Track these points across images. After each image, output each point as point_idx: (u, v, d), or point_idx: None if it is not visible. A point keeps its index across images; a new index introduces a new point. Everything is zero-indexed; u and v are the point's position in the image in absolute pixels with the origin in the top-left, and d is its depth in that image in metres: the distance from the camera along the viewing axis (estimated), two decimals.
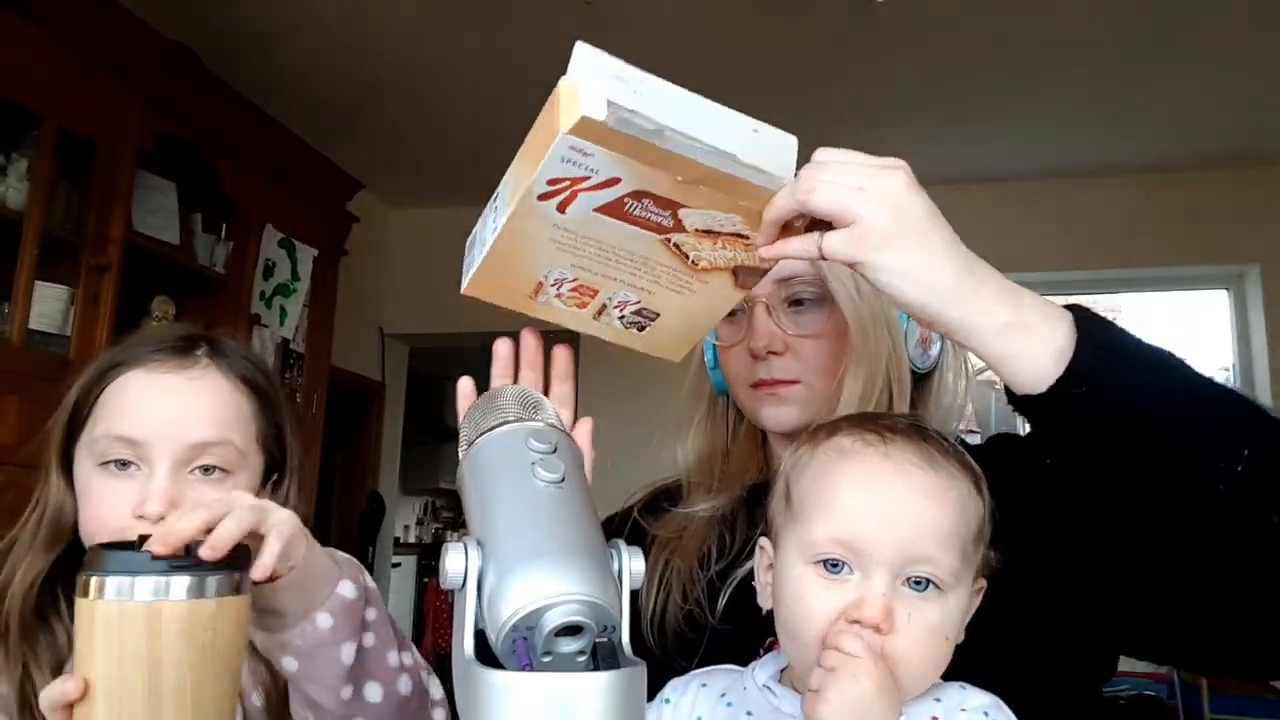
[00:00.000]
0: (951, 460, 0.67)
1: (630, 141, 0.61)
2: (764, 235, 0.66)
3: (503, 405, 0.63)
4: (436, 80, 3.44)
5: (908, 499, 0.65)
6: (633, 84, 0.61)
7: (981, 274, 0.65)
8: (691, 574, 0.88)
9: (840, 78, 3.38)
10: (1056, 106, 3.53)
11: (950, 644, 0.65)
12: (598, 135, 0.60)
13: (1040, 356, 0.63)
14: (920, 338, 0.90)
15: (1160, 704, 3.42)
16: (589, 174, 0.63)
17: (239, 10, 3.01)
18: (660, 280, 0.70)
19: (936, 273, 0.63)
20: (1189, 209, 4.00)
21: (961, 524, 0.65)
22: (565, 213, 0.65)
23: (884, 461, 0.66)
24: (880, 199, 0.63)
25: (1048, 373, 0.63)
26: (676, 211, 0.66)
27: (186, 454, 0.82)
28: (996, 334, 0.64)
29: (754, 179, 0.64)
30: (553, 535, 0.52)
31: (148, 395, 0.84)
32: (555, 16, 2.95)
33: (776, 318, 0.88)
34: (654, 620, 0.88)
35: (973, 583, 0.68)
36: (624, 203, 0.65)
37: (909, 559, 0.63)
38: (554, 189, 0.63)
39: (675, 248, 0.68)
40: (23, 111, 2.36)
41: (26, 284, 2.36)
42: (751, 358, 0.89)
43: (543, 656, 0.48)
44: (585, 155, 0.61)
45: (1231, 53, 3.13)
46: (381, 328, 4.61)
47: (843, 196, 0.62)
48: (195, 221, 3.16)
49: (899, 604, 0.63)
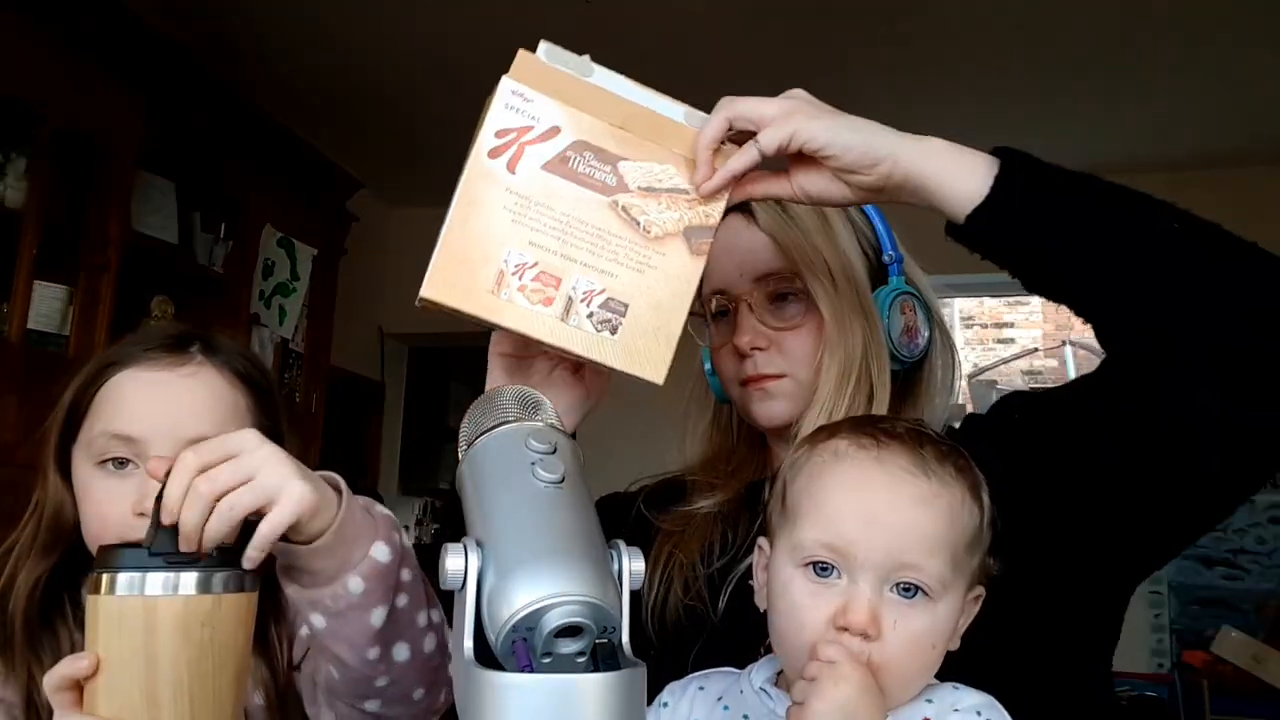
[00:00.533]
0: (948, 466, 0.67)
1: (564, 80, 0.71)
2: (701, 166, 0.73)
3: (502, 405, 0.62)
4: (436, 80, 3.43)
5: (895, 505, 0.65)
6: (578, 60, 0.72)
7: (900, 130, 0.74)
8: (694, 568, 0.89)
9: (840, 77, 3.38)
10: (1056, 106, 3.53)
11: (937, 652, 0.65)
12: (535, 76, 0.70)
13: (976, 164, 0.70)
14: (904, 327, 0.90)
15: (1161, 705, 3.43)
16: (531, 122, 0.70)
17: (239, 10, 3.01)
18: (619, 257, 0.72)
19: (865, 122, 0.73)
20: (1189, 208, 3.99)
21: (951, 531, 0.65)
22: (515, 171, 0.70)
23: (874, 466, 0.66)
24: (796, 95, 0.75)
25: (983, 175, 0.69)
26: (617, 166, 0.71)
27: (180, 449, 0.81)
28: (931, 154, 0.71)
29: (676, 115, 0.74)
30: (552, 536, 0.52)
31: (143, 393, 0.84)
32: (555, 16, 2.95)
33: (759, 314, 0.90)
34: (654, 611, 0.88)
35: (967, 590, 0.67)
36: (567, 157, 0.71)
37: (896, 565, 0.63)
38: (502, 142, 0.69)
39: (624, 211, 0.72)
40: (22, 110, 2.36)
41: (25, 283, 2.35)
42: (739, 356, 0.91)
43: (542, 657, 0.48)
44: (526, 100, 0.70)
45: (1233, 52, 3.13)
46: (381, 327, 4.61)
47: (762, 100, 0.73)
48: (194, 221, 3.15)
49: (886, 610, 0.63)
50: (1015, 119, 3.65)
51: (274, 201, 3.41)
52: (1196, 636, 3.73)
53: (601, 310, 0.72)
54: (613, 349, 0.72)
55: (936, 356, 0.95)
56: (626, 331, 0.72)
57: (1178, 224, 0.68)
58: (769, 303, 0.90)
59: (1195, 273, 0.66)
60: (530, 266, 0.70)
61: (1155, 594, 3.83)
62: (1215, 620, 3.70)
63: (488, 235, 0.69)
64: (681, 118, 0.74)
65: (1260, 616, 3.68)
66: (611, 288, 0.72)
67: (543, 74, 0.70)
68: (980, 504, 0.68)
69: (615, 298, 0.72)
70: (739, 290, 0.91)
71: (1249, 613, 3.72)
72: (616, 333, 0.72)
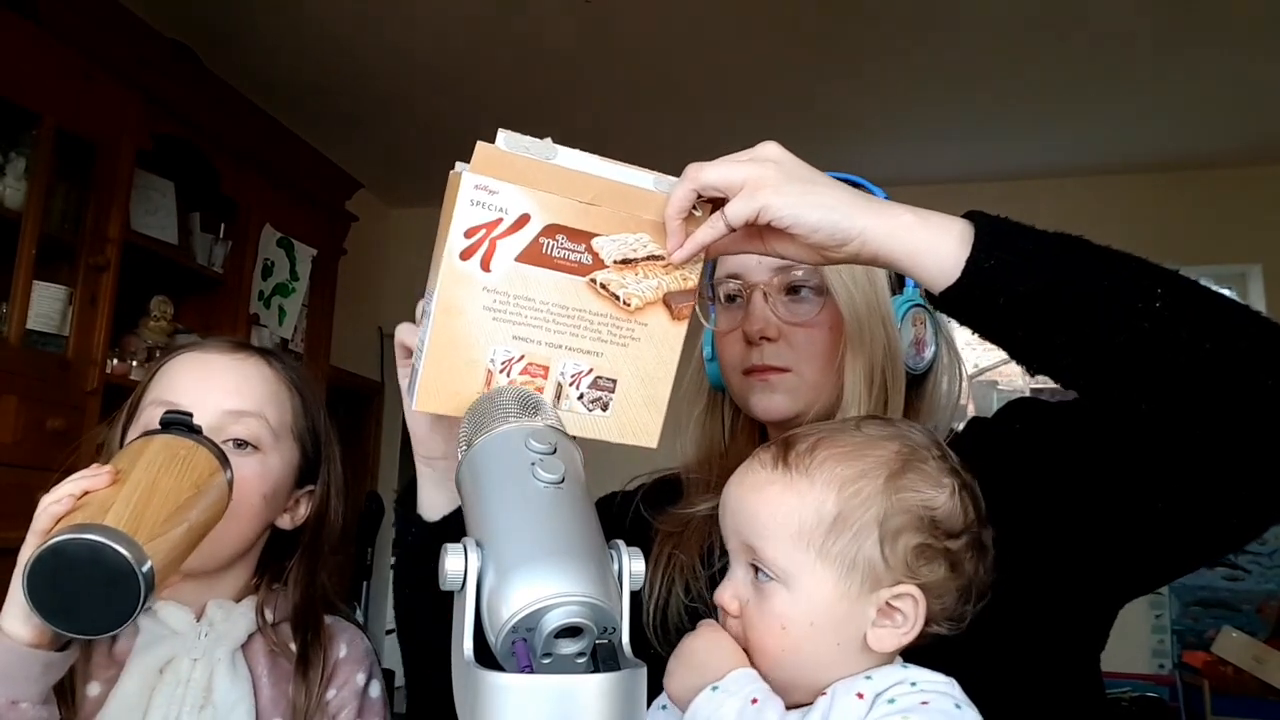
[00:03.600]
0: (815, 456, 0.69)
1: (527, 165, 0.68)
2: (671, 236, 0.71)
3: (502, 405, 0.62)
4: (436, 80, 3.43)
5: (737, 491, 0.71)
6: (540, 144, 0.70)
7: (873, 198, 0.70)
8: (694, 569, 0.89)
9: (841, 78, 3.38)
10: (1057, 106, 3.53)
11: (790, 636, 0.66)
12: (496, 165, 0.67)
13: (948, 241, 0.66)
14: (914, 339, 0.90)
15: (1162, 705, 3.42)
16: (500, 214, 0.68)
17: (239, 10, 3.01)
18: (603, 335, 0.73)
19: (834, 196, 0.68)
20: (1191, 208, 4.00)
21: (781, 515, 0.67)
22: (490, 269, 0.69)
23: (745, 463, 0.73)
24: (764, 159, 0.69)
25: (957, 254, 0.66)
26: (590, 244, 0.70)
27: (219, 419, 0.86)
28: (904, 231, 0.67)
29: (646, 183, 0.72)
30: (552, 536, 0.52)
31: (191, 369, 0.91)
32: (555, 16, 2.95)
33: (773, 304, 0.89)
34: (656, 613, 0.88)
35: (844, 579, 0.66)
36: (540, 244, 0.69)
37: (744, 547, 0.69)
38: (472, 242, 0.68)
39: (603, 288, 0.72)
40: (21, 110, 2.36)
41: (25, 284, 2.36)
42: (746, 343, 0.89)
43: (542, 658, 0.48)
44: (491, 193, 0.67)
45: (1235, 52, 3.13)
46: (381, 328, 4.61)
47: (728, 167, 0.69)
48: (194, 221, 3.16)
49: (747, 591, 0.69)
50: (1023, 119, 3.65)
51: (273, 201, 3.41)
52: (1197, 637, 3.73)
53: (591, 390, 0.74)
54: (606, 425, 0.75)
55: (942, 372, 0.94)
56: (617, 406, 0.75)
57: (1161, 288, 0.63)
58: (784, 294, 0.89)
59: (1187, 340, 0.62)
60: (517, 360, 0.71)
61: (1156, 595, 3.83)
62: (1216, 621, 3.70)
63: (471, 339, 0.70)
64: (651, 185, 0.73)
65: (1261, 617, 3.68)
66: (599, 366, 0.73)
67: (504, 162, 0.68)
68: (853, 493, 0.67)
69: (603, 375, 0.74)
70: (756, 277, 0.89)
71: (1250, 613, 3.72)
72: (608, 409, 0.74)
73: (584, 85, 3.45)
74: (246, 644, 0.87)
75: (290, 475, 0.92)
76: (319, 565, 0.94)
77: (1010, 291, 0.64)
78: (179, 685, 0.83)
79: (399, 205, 4.60)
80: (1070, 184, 4.11)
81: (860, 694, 0.64)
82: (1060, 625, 0.79)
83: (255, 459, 0.88)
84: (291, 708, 0.85)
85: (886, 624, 0.67)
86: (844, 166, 0.88)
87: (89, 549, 0.60)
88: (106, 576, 0.60)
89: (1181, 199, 4.02)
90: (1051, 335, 0.65)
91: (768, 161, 0.69)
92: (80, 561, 0.60)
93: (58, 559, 0.60)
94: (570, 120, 3.70)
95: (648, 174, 0.73)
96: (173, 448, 0.73)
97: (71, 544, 0.60)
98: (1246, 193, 3.99)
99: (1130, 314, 0.62)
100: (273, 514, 0.92)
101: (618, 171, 0.72)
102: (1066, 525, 0.74)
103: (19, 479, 2.21)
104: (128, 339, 2.90)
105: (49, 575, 0.61)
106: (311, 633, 0.89)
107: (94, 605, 0.61)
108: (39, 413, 2.38)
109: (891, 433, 0.71)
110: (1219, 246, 4.02)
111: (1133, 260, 0.66)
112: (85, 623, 0.62)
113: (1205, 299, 0.64)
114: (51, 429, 2.39)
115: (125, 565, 0.60)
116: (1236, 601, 3.76)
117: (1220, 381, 0.61)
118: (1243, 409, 0.61)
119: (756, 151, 0.70)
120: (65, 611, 0.62)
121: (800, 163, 0.70)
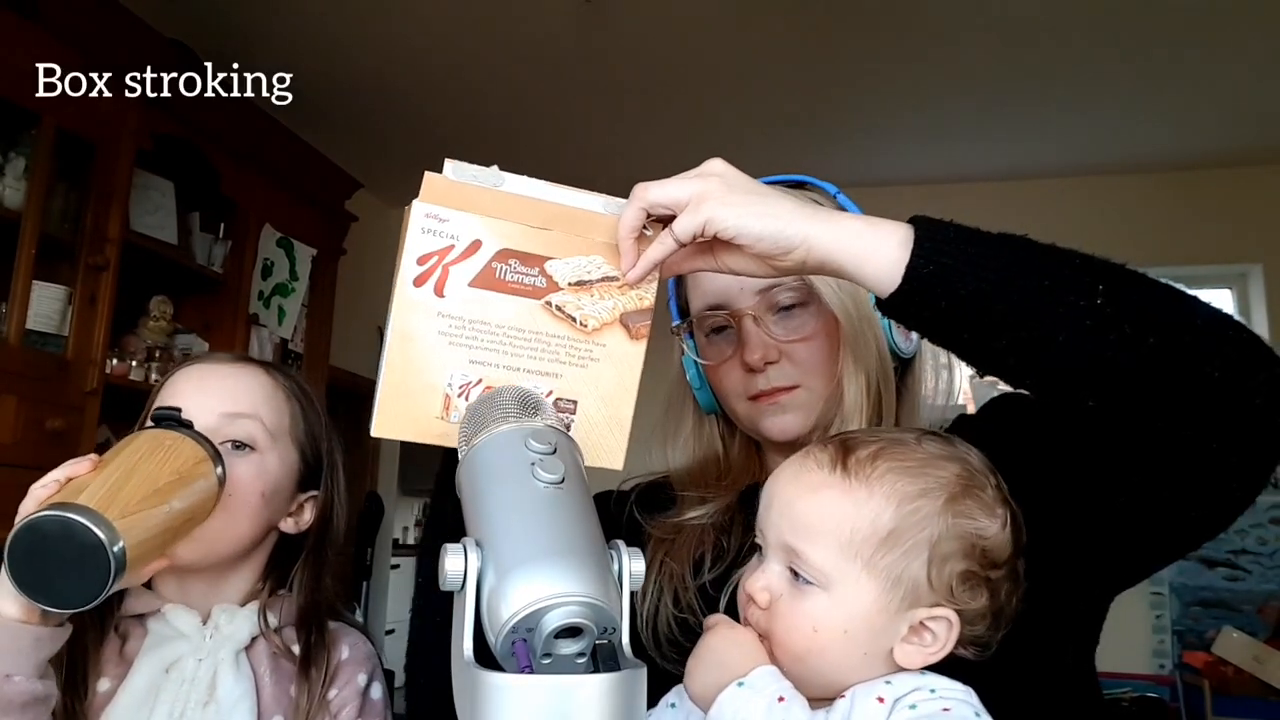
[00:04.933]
0: (877, 466, 0.67)
1: (476, 193, 0.68)
2: (624, 256, 0.72)
3: (502, 405, 0.62)
4: (436, 80, 3.44)
5: (787, 489, 0.70)
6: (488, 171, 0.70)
7: (817, 207, 0.70)
8: (685, 579, 0.88)
9: (842, 77, 3.38)
10: (1059, 106, 3.53)
11: (820, 638, 0.66)
12: (445, 194, 0.68)
13: (889, 246, 0.66)
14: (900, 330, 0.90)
15: (1162, 706, 3.42)
16: (451, 241, 0.68)
17: (239, 10, 3.01)
18: (560, 357, 0.73)
19: (778, 205, 0.69)
20: (1192, 208, 4.00)
21: (833, 521, 0.66)
22: (444, 295, 0.69)
23: (798, 459, 0.72)
24: (707, 174, 0.70)
25: (897, 259, 0.66)
26: (544, 267, 0.70)
27: (216, 422, 0.88)
28: (848, 238, 0.68)
29: (595, 206, 0.72)
30: (552, 536, 0.52)
31: (192, 378, 0.94)
32: (555, 16, 2.95)
33: (765, 327, 0.88)
34: (648, 623, 0.88)
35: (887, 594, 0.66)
36: (493, 269, 0.70)
37: (785, 546, 0.68)
38: (425, 269, 0.68)
39: (559, 310, 0.72)
40: (20, 110, 2.36)
41: (24, 284, 2.35)
42: (746, 370, 0.88)
43: (542, 658, 0.48)
44: (442, 221, 0.68)
45: (1235, 52, 3.13)
46: (381, 328, 4.57)
47: (675, 184, 0.70)
48: (193, 221, 3.15)
49: (780, 585, 0.68)
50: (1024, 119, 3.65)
51: (273, 201, 3.41)
52: (1198, 637, 3.73)
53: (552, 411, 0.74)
54: None
55: (926, 363, 0.94)
56: (580, 428, 0.74)
57: (1103, 284, 0.63)
58: (774, 313, 0.88)
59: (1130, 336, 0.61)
60: (475, 384, 0.71)
61: (1156, 595, 3.83)
62: (1216, 621, 3.70)
63: (427, 364, 0.70)
64: (600, 208, 0.73)
65: (1261, 618, 3.68)
66: (559, 388, 0.73)
67: (453, 191, 0.69)
68: (911, 510, 0.66)
69: (564, 396, 0.74)
70: (741, 304, 0.88)
71: (1250, 614, 3.72)
72: (570, 430, 0.74)
73: (584, 85, 3.45)
74: (250, 646, 0.90)
75: (290, 478, 0.94)
76: (324, 570, 0.96)
77: (951, 296, 0.64)
78: (184, 683, 0.86)
79: (399, 205, 4.56)
80: (1070, 184, 4.11)
81: (880, 698, 0.64)
82: (1050, 621, 0.78)
83: (252, 459, 0.90)
84: (294, 706, 0.87)
85: (915, 641, 0.67)
86: (843, 166, 0.89)
87: (60, 524, 0.63)
88: (78, 551, 0.64)
89: (1182, 199, 4.02)
90: (994, 337, 0.65)
91: (712, 176, 0.70)
92: (53, 537, 0.63)
93: (33, 535, 0.64)
94: (570, 121, 3.71)
95: (597, 197, 0.74)
96: (158, 438, 0.76)
97: (45, 520, 0.63)
98: (1247, 193, 3.99)
99: (1071, 311, 0.62)
100: (274, 515, 0.94)
101: (567, 196, 0.73)
102: (1044, 521, 0.73)
103: (19, 479, 2.19)
104: (127, 339, 2.90)
105: (26, 551, 0.64)
106: (315, 634, 0.91)
107: (69, 579, 0.64)
108: (38, 413, 2.38)
109: (952, 453, 0.71)
110: (1219, 246, 4.02)
111: (1076, 257, 0.66)
112: (62, 597, 0.65)
113: (1150, 293, 0.63)
114: (51, 429, 2.39)
115: (94, 539, 0.63)
116: (1237, 602, 3.76)
117: (1166, 376, 0.61)
118: (1189, 403, 0.61)
119: (702, 168, 0.71)
120: (44, 586, 0.65)
121: (744, 176, 0.71)
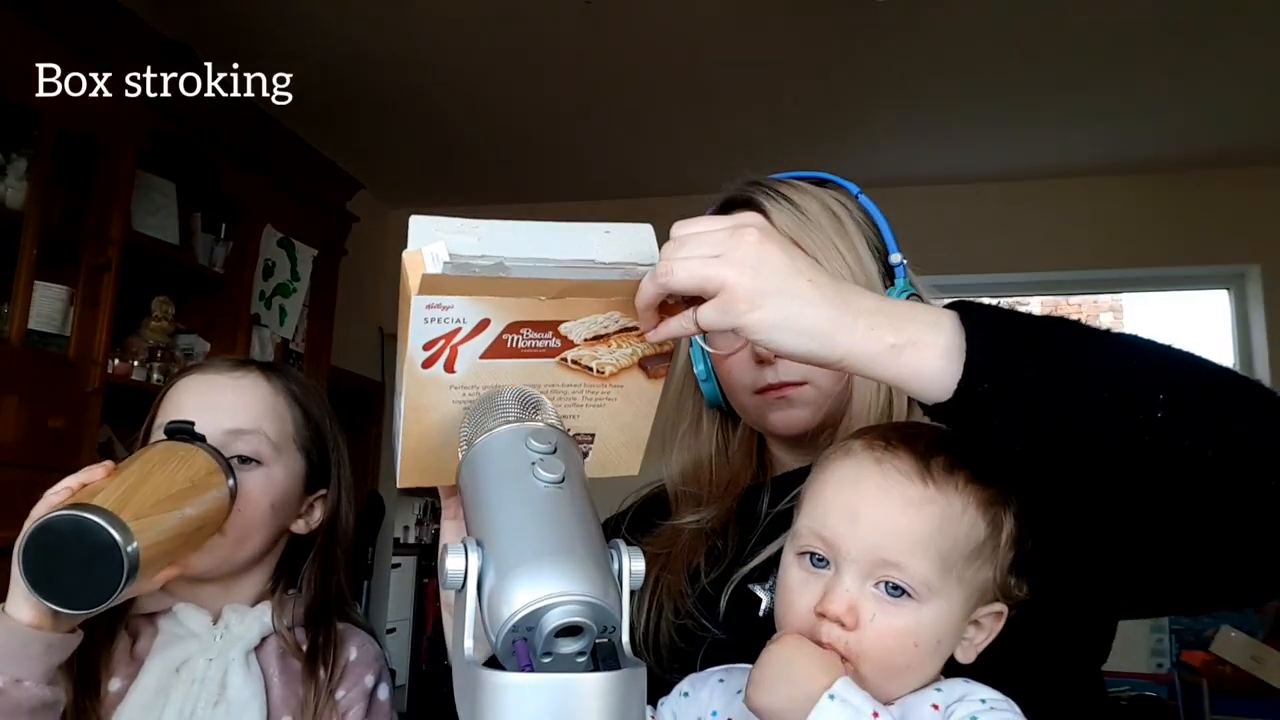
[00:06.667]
0: (957, 476, 0.67)
1: (479, 282, 0.62)
2: (643, 323, 0.67)
3: (503, 405, 0.63)
4: (436, 80, 3.43)
5: (881, 503, 0.66)
6: (476, 232, 0.63)
7: (855, 305, 0.65)
8: (682, 591, 0.88)
9: (842, 78, 3.38)
10: (1058, 106, 3.53)
11: (921, 651, 0.65)
12: (446, 287, 0.62)
13: (936, 365, 0.63)
14: None
15: (1161, 705, 3.42)
16: (458, 324, 0.64)
17: (239, 10, 3.01)
18: (577, 401, 0.71)
19: (810, 318, 0.63)
20: (1190, 209, 4.00)
21: (941, 538, 0.65)
22: (454, 370, 0.66)
23: (872, 466, 0.68)
24: (738, 262, 0.63)
25: (947, 378, 0.63)
26: (557, 329, 0.66)
27: (222, 439, 0.89)
28: (887, 357, 0.64)
29: (611, 276, 0.65)
30: (553, 535, 0.52)
31: (195, 391, 0.95)
32: (555, 16, 2.95)
33: None
34: (647, 638, 0.88)
35: (977, 603, 0.68)
36: (504, 340, 0.66)
37: (877, 561, 0.65)
38: (432, 353, 0.65)
39: (575, 364, 0.69)
40: (21, 110, 2.36)
41: (26, 284, 2.36)
42: (757, 362, 0.89)
43: (543, 657, 0.48)
44: (445, 309, 0.63)
45: (1234, 52, 3.13)
46: (381, 327, 4.61)
47: (700, 269, 0.63)
48: (195, 221, 3.15)
49: (867, 603, 0.65)
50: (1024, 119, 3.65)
51: (274, 202, 3.41)
52: (1196, 636, 3.73)
53: None
54: (587, 465, 0.73)
55: None
56: (597, 453, 0.74)
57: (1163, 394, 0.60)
58: None
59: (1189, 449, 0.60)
60: None
61: None
62: (1215, 620, 3.70)
63: (444, 427, 0.69)
64: (618, 276, 0.66)
65: (1260, 617, 3.68)
66: (575, 425, 0.72)
67: (451, 282, 0.63)
68: (992, 518, 0.68)
69: (581, 431, 0.73)
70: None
71: (1248, 613, 3.72)
72: (588, 457, 0.73)
73: (584, 86, 3.45)
74: (260, 645, 0.91)
75: (297, 483, 0.96)
76: (333, 567, 0.97)
77: (1005, 415, 0.62)
78: (194, 683, 0.87)
79: (399, 205, 4.60)
80: (1070, 184, 4.10)
81: (935, 705, 0.64)
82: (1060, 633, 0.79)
83: (259, 472, 0.92)
84: (301, 705, 0.88)
85: (968, 637, 0.68)
86: (845, 166, 0.88)
87: (74, 523, 0.64)
88: (92, 550, 0.64)
89: (1180, 199, 4.02)
90: (1049, 449, 0.63)
91: (741, 267, 0.63)
92: (67, 537, 0.64)
93: (47, 535, 0.64)
94: (571, 122, 3.70)
95: (602, 235, 0.67)
96: (172, 449, 0.78)
97: (59, 520, 0.64)
98: (1246, 193, 3.99)
99: (1131, 426, 0.60)
100: (284, 521, 0.95)
101: (568, 242, 0.65)
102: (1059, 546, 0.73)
103: (20, 479, 2.21)
104: (129, 339, 2.90)
105: (40, 552, 0.65)
106: (323, 633, 0.92)
107: (83, 579, 0.65)
108: (40, 413, 2.38)
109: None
110: (1218, 247, 4.02)
111: (1135, 357, 0.63)
112: (76, 597, 0.65)
113: (1209, 396, 0.62)
114: (53, 429, 2.40)
115: (108, 538, 0.64)
116: None
117: (1223, 487, 0.60)
118: (1246, 511, 0.61)
119: (732, 243, 0.64)
120: (58, 587, 0.65)
121: (775, 259, 0.64)
